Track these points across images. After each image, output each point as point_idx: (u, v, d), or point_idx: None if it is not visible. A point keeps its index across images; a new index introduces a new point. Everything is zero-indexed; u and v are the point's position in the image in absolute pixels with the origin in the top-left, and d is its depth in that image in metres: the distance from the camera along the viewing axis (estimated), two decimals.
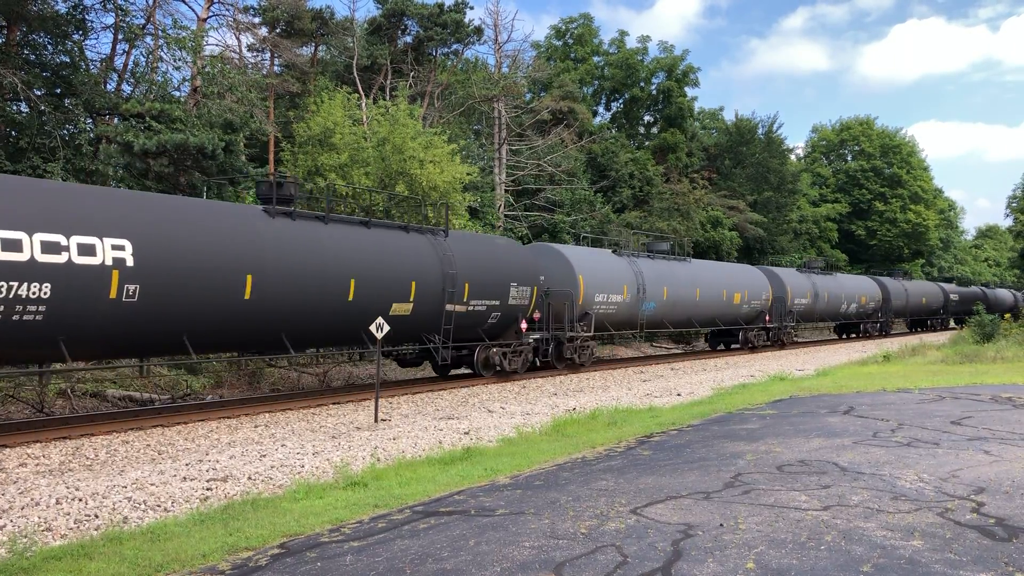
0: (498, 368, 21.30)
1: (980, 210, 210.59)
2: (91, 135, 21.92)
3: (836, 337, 49.49)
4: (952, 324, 69.34)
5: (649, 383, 21.49)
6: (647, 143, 54.12)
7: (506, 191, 38.48)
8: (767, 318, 35.31)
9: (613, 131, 51.29)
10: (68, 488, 8.92)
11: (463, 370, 22.05)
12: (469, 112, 38.32)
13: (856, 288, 46.08)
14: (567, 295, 23.51)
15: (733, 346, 35.53)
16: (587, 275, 24.51)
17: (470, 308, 19.68)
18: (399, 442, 12.06)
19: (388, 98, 32.19)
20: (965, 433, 11.11)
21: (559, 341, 23.62)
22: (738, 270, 35.63)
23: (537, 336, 23.01)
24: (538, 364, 24.08)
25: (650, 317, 27.72)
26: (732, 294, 32.66)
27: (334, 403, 17.02)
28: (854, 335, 48.74)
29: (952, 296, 63.46)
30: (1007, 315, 45.19)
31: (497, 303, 20.58)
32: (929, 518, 6.78)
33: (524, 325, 21.59)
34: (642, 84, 53.62)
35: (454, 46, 37.97)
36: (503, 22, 48.61)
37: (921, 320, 60.64)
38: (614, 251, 27.78)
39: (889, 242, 70.14)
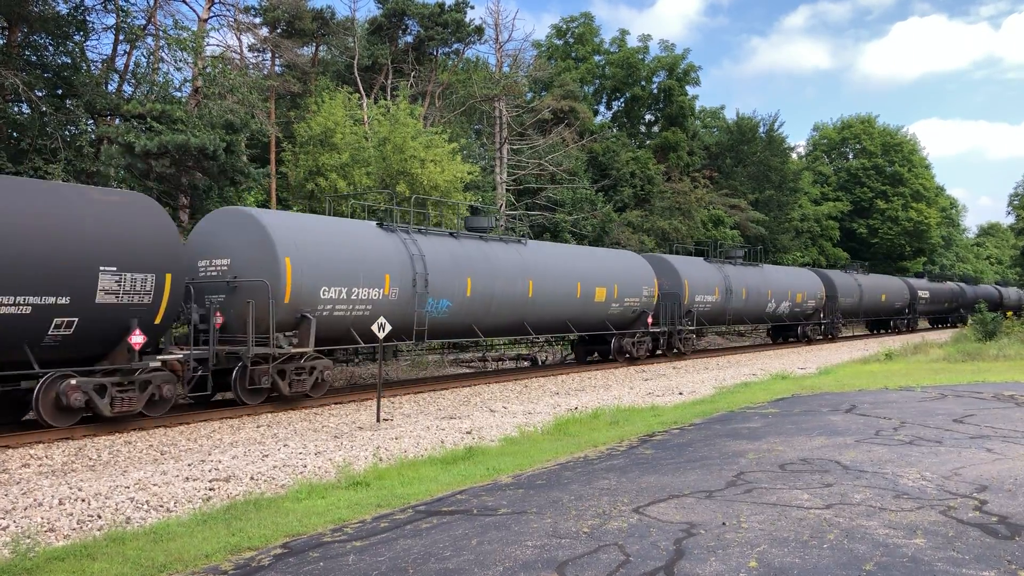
0: None
1: (982, 208, 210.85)
2: (92, 136, 21.96)
3: (770, 342, 41.34)
4: (924, 325, 62.51)
5: (651, 382, 21.48)
6: (648, 142, 54.14)
7: (507, 190, 38.51)
8: (649, 320, 27.11)
9: (614, 130, 51.35)
10: (71, 488, 8.93)
11: (464, 367, 21.96)
12: (470, 112, 38.35)
13: (789, 283, 37.56)
14: (260, 290, 15.28)
15: (611, 357, 26.87)
16: (297, 254, 15.92)
17: None
18: (401, 442, 12.07)
19: (389, 98, 32.21)
20: (967, 431, 11.10)
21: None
22: (607, 257, 26.69)
23: None
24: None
25: (440, 321, 19.29)
26: (592, 289, 24.38)
27: (336, 403, 17.03)
28: (792, 339, 40.25)
29: (921, 293, 54.93)
30: (1009, 312, 45.11)
31: None
32: (932, 516, 6.77)
33: None
34: (643, 83, 53.64)
35: (455, 46, 38.01)
36: (504, 21, 48.67)
37: (881, 321, 52.61)
38: (380, 224, 19.11)
39: (891, 240, 70.10)
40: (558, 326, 24.15)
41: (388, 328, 14.75)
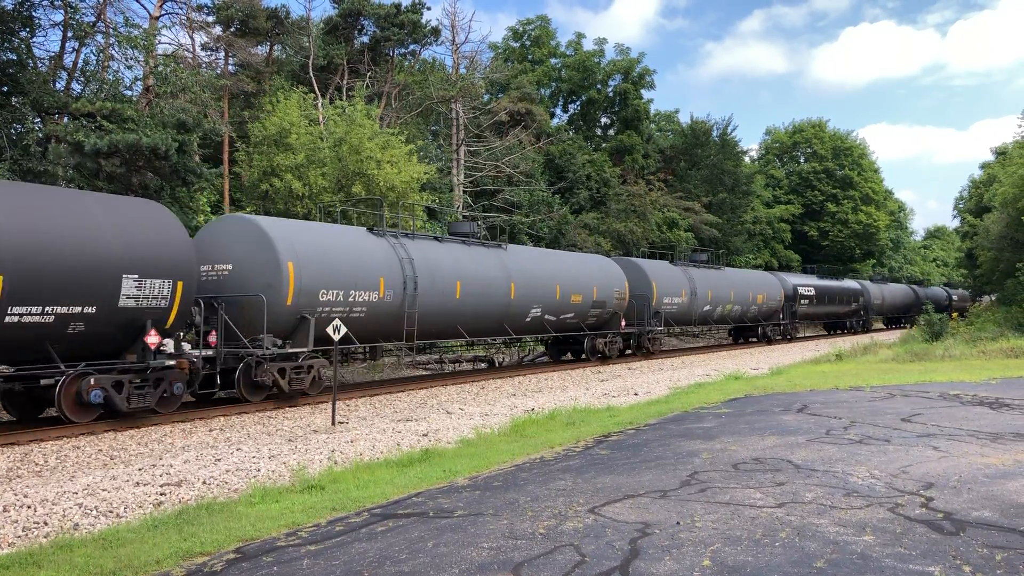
0: None
1: (930, 211, 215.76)
2: (39, 135, 21.46)
3: (545, 362, 28.62)
4: (810, 333, 51.97)
5: (607, 383, 21.60)
6: (604, 145, 54.48)
7: (464, 192, 38.47)
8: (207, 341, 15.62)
9: (570, 133, 51.59)
10: (16, 495, 8.72)
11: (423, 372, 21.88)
12: (427, 113, 38.25)
13: (576, 277, 25.46)
14: None
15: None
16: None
17: None
18: (357, 444, 11.98)
19: (345, 98, 31.97)
20: (915, 430, 11.33)
21: None
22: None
23: None
24: None
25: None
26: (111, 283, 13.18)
27: (290, 406, 16.85)
28: (582, 356, 27.77)
29: (804, 292, 42.74)
30: (955, 314, 46.10)
31: None
32: (880, 513, 6.91)
33: None
34: (599, 86, 54.01)
35: (411, 46, 37.88)
36: (460, 23, 48.54)
37: (748, 327, 39.74)
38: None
39: (841, 243, 71.36)
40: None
41: (343, 330, 14.65)
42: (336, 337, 14.51)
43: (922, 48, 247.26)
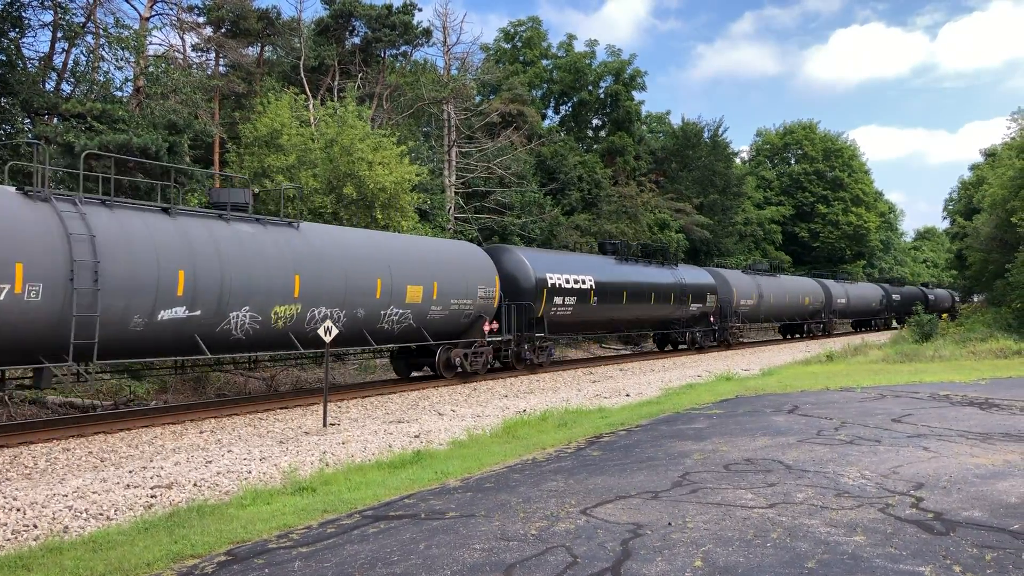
0: None
1: (920, 212, 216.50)
2: (30, 135, 21.36)
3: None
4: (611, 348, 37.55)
5: (599, 384, 21.61)
6: (596, 146, 54.50)
7: (456, 193, 38.42)
8: None
9: (562, 134, 51.56)
10: (5, 498, 8.68)
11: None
12: (418, 114, 38.19)
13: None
14: None
15: None
16: None
17: None
18: (348, 446, 11.97)
19: (336, 99, 31.92)
20: (905, 430, 11.37)
21: None
22: None
23: None
24: None
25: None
26: None
27: (282, 408, 16.82)
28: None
29: (560, 284, 24.91)
30: (944, 315, 46.23)
31: None
32: (871, 514, 6.93)
33: None
34: (590, 88, 54.01)
35: (403, 48, 37.81)
36: (452, 24, 48.59)
37: (420, 350, 21.84)
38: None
39: (832, 244, 71.55)
40: None
41: (335, 332, 14.62)
42: (328, 339, 14.47)
43: (912, 50, 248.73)
